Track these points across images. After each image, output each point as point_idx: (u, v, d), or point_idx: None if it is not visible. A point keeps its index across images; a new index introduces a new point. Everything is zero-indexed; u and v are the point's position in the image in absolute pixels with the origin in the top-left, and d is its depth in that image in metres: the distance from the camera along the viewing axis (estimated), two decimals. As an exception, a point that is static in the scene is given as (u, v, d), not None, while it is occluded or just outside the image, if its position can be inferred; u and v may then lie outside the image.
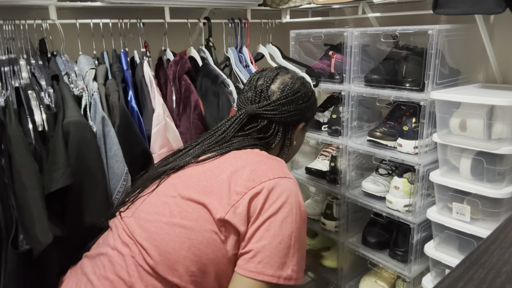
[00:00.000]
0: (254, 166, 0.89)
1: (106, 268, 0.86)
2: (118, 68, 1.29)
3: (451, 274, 0.56)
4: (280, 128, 1.03)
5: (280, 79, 1.05)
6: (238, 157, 0.93)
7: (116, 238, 0.91)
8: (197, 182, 0.89)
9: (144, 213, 0.90)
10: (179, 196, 0.88)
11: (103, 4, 1.28)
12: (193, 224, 0.84)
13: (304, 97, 1.05)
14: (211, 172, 0.90)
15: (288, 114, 1.02)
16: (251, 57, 1.62)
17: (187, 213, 0.85)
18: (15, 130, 0.98)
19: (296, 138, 1.09)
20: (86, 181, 1.06)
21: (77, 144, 1.03)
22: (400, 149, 1.40)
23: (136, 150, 1.17)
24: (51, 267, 0.98)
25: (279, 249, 0.81)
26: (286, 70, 1.10)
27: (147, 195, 0.94)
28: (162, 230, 0.85)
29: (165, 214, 0.87)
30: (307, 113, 1.08)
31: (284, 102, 1.02)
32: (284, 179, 0.88)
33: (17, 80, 1.11)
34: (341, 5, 1.60)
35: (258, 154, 0.95)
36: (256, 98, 1.03)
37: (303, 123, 1.07)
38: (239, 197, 0.84)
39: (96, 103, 1.14)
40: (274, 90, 1.03)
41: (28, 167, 0.96)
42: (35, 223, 0.93)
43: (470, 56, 1.47)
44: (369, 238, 1.58)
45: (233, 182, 0.86)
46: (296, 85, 1.05)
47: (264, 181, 0.86)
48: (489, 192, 1.17)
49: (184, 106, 1.34)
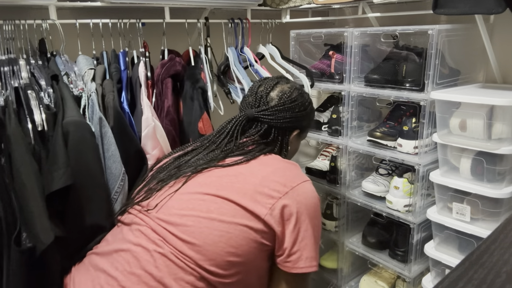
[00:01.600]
0: (282, 172, 0.99)
1: (131, 264, 0.89)
2: (115, 68, 1.29)
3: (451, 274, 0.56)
4: (279, 133, 1.12)
5: (280, 87, 1.13)
6: (265, 163, 1.02)
7: (139, 235, 0.93)
8: (230, 184, 0.96)
9: (176, 209, 0.94)
10: (214, 194, 0.94)
11: (103, 4, 1.28)
12: (231, 219, 0.91)
13: (301, 106, 1.13)
14: (242, 175, 0.98)
15: (284, 120, 1.10)
16: (255, 56, 1.62)
17: (225, 209, 0.92)
18: (15, 130, 0.98)
19: (291, 143, 1.16)
20: (86, 181, 1.06)
21: (76, 144, 1.03)
22: (400, 149, 1.40)
23: (130, 151, 1.17)
24: (53, 266, 0.98)
25: (316, 244, 0.97)
26: (287, 80, 1.18)
27: (173, 193, 0.98)
28: (201, 224, 0.90)
29: (202, 210, 0.92)
30: (303, 121, 1.15)
31: (281, 108, 1.10)
32: (307, 183, 1.00)
33: (17, 80, 1.11)
34: (341, 5, 1.60)
35: (279, 160, 1.05)
36: (256, 103, 1.12)
37: (297, 130, 1.15)
38: (274, 200, 0.93)
39: (93, 103, 1.14)
40: (273, 97, 1.12)
41: (28, 166, 0.96)
42: (36, 222, 0.93)
43: (470, 56, 1.46)
44: (369, 238, 1.58)
45: (266, 186, 0.94)
46: (294, 94, 1.13)
47: (294, 186, 0.96)
48: (489, 192, 1.17)
49: (160, 110, 1.34)
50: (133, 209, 1.02)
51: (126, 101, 1.25)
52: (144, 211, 0.98)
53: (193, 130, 1.35)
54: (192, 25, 1.51)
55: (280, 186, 0.95)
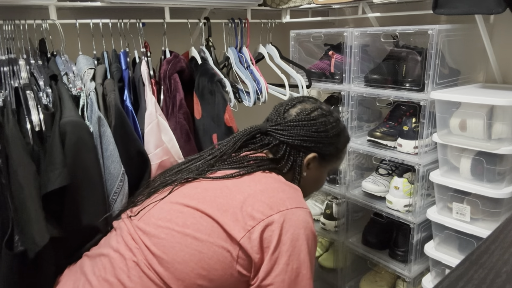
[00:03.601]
0: (272, 193, 0.88)
1: (107, 270, 0.86)
2: (116, 68, 1.28)
3: (451, 274, 0.56)
4: (291, 152, 1.01)
5: (302, 105, 1.05)
6: (257, 180, 0.92)
7: (120, 241, 0.90)
8: (213, 197, 0.88)
9: (155, 219, 0.89)
10: (194, 207, 0.87)
11: (103, 4, 1.28)
12: (206, 238, 0.83)
13: (320, 127, 1.01)
14: (228, 190, 0.89)
15: (297, 137, 0.99)
16: (252, 57, 1.62)
17: (202, 226, 0.84)
18: (13, 131, 0.98)
19: (310, 170, 1.04)
20: (83, 181, 1.05)
21: (74, 144, 1.02)
22: (400, 149, 1.40)
23: (132, 151, 1.16)
24: (47, 268, 0.97)
25: (297, 281, 0.83)
26: (313, 100, 1.09)
27: (159, 201, 0.93)
28: (173, 239, 0.84)
29: (178, 223, 0.86)
30: (322, 145, 1.02)
31: (296, 124, 1.00)
32: (300, 210, 0.87)
33: (17, 80, 1.11)
34: (341, 5, 1.60)
35: (276, 179, 0.94)
36: (273, 118, 1.05)
37: (314, 154, 1.02)
38: (255, 222, 0.83)
39: (92, 102, 1.13)
40: (291, 113, 1.04)
41: (25, 167, 0.96)
42: (32, 223, 0.92)
43: (470, 56, 1.46)
44: (369, 238, 1.58)
45: (250, 205, 0.85)
46: (314, 113, 1.03)
47: (282, 210, 0.84)
48: (489, 192, 1.17)
49: (172, 105, 1.34)
50: (124, 213, 0.99)
51: (128, 99, 1.24)
52: (129, 217, 0.95)
53: (219, 124, 1.33)
54: (192, 25, 1.51)
55: (265, 208, 0.84)
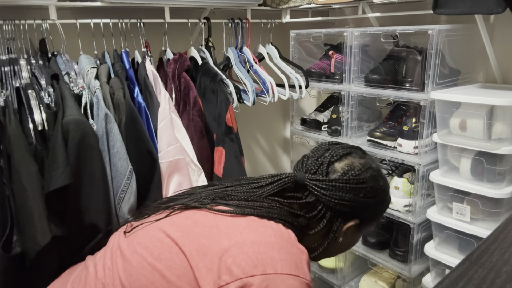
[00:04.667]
0: (265, 248, 0.74)
1: (80, 285, 0.83)
2: (120, 67, 1.28)
3: (451, 274, 0.56)
4: (327, 214, 0.86)
5: (350, 160, 0.89)
6: (254, 227, 0.79)
7: (102, 256, 0.87)
8: (197, 235, 0.79)
9: (136, 241, 0.84)
10: (175, 241, 0.80)
11: (103, 4, 1.28)
12: (174, 280, 0.75)
13: (369, 192, 0.87)
14: (216, 231, 0.79)
15: (341, 201, 0.85)
16: (254, 57, 1.62)
17: (175, 264, 0.76)
18: (15, 131, 0.98)
19: (345, 235, 0.89)
20: (86, 180, 1.05)
21: (76, 142, 1.02)
22: (400, 149, 1.40)
23: (142, 149, 1.15)
24: (48, 267, 0.98)
25: None
26: (363, 155, 0.93)
27: (151, 223, 0.87)
28: (142, 270, 0.77)
29: (153, 253, 0.79)
30: (366, 211, 0.90)
31: (342, 186, 0.85)
32: (292, 279, 0.72)
33: (18, 80, 1.11)
34: (341, 5, 1.60)
35: (277, 233, 0.79)
36: (313, 168, 0.88)
37: (357, 220, 0.88)
38: (231, 279, 0.70)
39: (98, 100, 1.13)
40: (337, 168, 0.87)
41: (28, 167, 0.96)
42: (35, 223, 0.92)
43: (470, 56, 1.47)
44: (369, 238, 1.58)
45: (231, 256, 0.73)
46: (365, 175, 0.87)
47: (268, 272, 0.71)
48: (489, 192, 1.17)
49: (184, 103, 1.34)
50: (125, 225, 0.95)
51: (140, 95, 1.22)
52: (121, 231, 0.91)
53: (220, 123, 1.34)
54: (192, 25, 1.51)
55: (249, 264, 0.71)
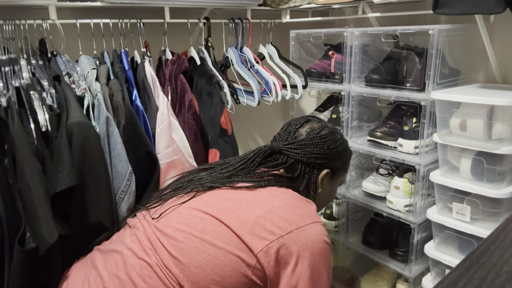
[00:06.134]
0: (291, 208, 0.91)
1: (118, 266, 0.88)
2: (120, 68, 1.29)
3: (451, 274, 0.56)
4: (306, 170, 1.06)
5: (310, 124, 1.11)
6: (275, 195, 0.95)
7: (134, 240, 0.92)
8: (232, 208, 0.91)
9: (173, 222, 0.92)
10: (213, 216, 0.90)
11: (103, 4, 1.28)
12: (224, 246, 0.86)
13: (330, 144, 1.08)
14: (247, 203, 0.92)
15: (311, 155, 1.05)
16: (255, 56, 1.62)
17: (220, 234, 0.87)
18: (18, 131, 0.98)
19: (323, 185, 1.10)
20: (90, 181, 1.06)
21: (81, 144, 1.04)
22: (401, 149, 1.40)
23: (141, 151, 1.17)
24: (55, 263, 0.98)
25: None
26: (318, 120, 1.16)
27: (179, 205, 0.96)
28: (191, 243, 0.87)
29: (197, 228, 0.89)
30: (333, 161, 1.10)
31: (308, 143, 1.06)
32: (317, 224, 0.90)
33: (17, 80, 1.11)
34: (341, 5, 1.60)
35: (294, 196, 0.97)
36: (284, 137, 1.10)
37: (328, 170, 1.09)
38: (274, 237, 0.86)
39: (100, 103, 1.14)
40: (301, 132, 1.09)
41: (32, 167, 0.97)
42: (41, 222, 0.93)
43: (470, 56, 1.47)
44: (370, 238, 1.58)
45: (269, 220, 0.88)
46: (323, 132, 1.09)
47: (300, 225, 0.88)
48: (489, 192, 1.17)
49: (179, 105, 1.34)
50: (140, 213, 1.02)
51: (138, 99, 1.24)
52: (147, 217, 0.98)
53: (214, 125, 1.34)
54: (191, 25, 1.51)
55: (285, 224, 0.87)
